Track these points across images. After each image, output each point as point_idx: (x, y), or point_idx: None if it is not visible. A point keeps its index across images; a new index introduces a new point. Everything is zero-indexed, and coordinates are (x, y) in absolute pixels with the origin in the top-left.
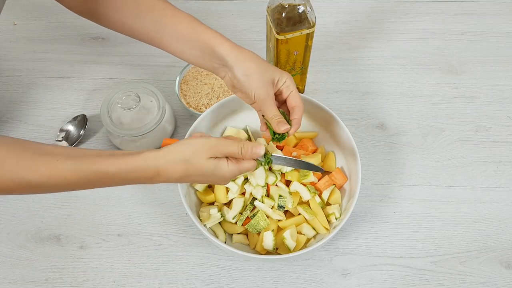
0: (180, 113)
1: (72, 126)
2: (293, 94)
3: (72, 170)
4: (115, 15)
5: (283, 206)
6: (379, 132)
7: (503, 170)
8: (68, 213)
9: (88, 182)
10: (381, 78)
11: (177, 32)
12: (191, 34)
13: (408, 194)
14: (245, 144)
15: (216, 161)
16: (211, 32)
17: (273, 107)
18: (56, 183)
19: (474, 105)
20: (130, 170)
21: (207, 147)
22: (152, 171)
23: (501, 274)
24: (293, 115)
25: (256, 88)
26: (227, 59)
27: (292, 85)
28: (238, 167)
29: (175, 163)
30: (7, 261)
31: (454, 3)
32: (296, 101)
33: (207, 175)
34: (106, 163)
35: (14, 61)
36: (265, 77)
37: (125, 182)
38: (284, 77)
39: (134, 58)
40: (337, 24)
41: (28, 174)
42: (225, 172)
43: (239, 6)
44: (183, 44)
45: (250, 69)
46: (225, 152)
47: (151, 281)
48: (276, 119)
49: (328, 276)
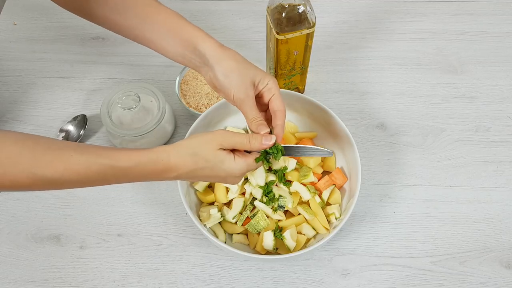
0: (180, 113)
1: (72, 126)
2: (275, 98)
3: (85, 165)
4: (101, 10)
5: (283, 206)
6: (379, 132)
7: (503, 170)
8: (68, 213)
9: (101, 177)
10: (381, 78)
11: (159, 28)
12: (174, 30)
13: (408, 194)
14: (253, 134)
15: (224, 153)
16: (194, 30)
17: (253, 109)
18: (69, 178)
19: (474, 105)
20: (143, 163)
21: (215, 137)
22: (163, 164)
23: (501, 274)
24: (275, 120)
25: (235, 88)
26: (208, 57)
27: (274, 88)
28: (245, 161)
29: (184, 157)
30: (7, 261)
31: (454, 3)
32: (278, 105)
33: (215, 169)
34: (118, 157)
35: (14, 61)
36: (245, 77)
37: (136, 177)
38: (266, 79)
39: (134, 58)
40: (337, 24)
41: (42, 170)
42: (232, 167)
43: (239, 6)
44: (165, 41)
45: (230, 68)
46: (232, 142)
47: (151, 281)
48: (256, 122)
49: (328, 276)
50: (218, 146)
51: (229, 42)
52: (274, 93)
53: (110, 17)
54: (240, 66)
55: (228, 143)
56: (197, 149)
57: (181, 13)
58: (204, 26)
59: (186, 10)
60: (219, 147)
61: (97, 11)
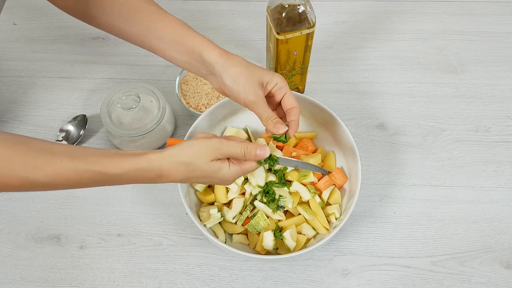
0: (180, 113)
1: (72, 126)
2: (287, 96)
3: (76, 171)
4: (105, 17)
5: (283, 206)
6: (379, 132)
7: (503, 170)
8: (68, 213)
9: (92, 182)
10: (381, 78)
11: (165, 37)
12: (179, 40)
13: (408, 194)
14: (248, 146)
15: (218, 164)
16: (199, 39)
17: (265, 109)
18: (60, 183)
19: (474, 105)
20: (133, 170)
21: (209, 150)
22: (155, 172)
23: (501, 274)
24: (290, 117)
25: (244, 92)
26: (214, 66)
27: (285, 86)
28: (240, 167)
29: (177, 166)
30: (7, 261)
31: (454, 3)
32: (291, 103)
33: (209, 177)
34: (109, 165)
35: (14, 61)
36: (252, 80)
37: (128, 182)
38: (275, 79)
39: (134, 58)
40: (337, 24)
41: (33, 174)
42: (227, 175)
43: (239, 6)
44: (172, 50)
45: (236, 74)
46: (227, 154)
47: (151, 281)
48: (272, 121)
49: (328, 276)
50: (212, 158)
51: (229, 42)
52: (285, 92)
53: (115, 24)
54: (246, 70)
55: (223, 155)
56: (191, 160)
57: (181, 13)
58: (204, 26)
59: (186, 10)
60: (213, 158)
61: (101, 18)
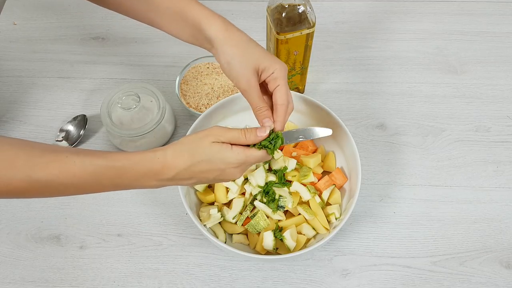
0: (180, 113)
1: (72, 126)
2: (278, 90)
3: (81, 165)
4: None
5: (283, 206)
6: (379, 132)
7: (503, 170)
8: (68, 213)
9: (97, 179)
10: (381, 78)
11: (168, 11)
12: (180, 13)
13: (408, 194)
14: (248, 129)
15: (219, 145)
16: (200, 10)
17: (256, 98)
18: (65, 181)
19: (474, 105)
20: (138, 161)
21: (210, 134)
22: (161, 162)
23: (501, 274)
24: (275, 115)
25: (237, 77)
26: (213, 41)
27: (280, 77)
28: (243, 151)
29: (181, 153)
30: (7, 261)
31: (454, 3)
32: (281, 98)
33: (214, 160)
34: (113, 157)
35: (14, 61)
36: (246, 63)
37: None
38: (273, 66)
39: (134, 58)
40: (337, 24)
41: (37, 172)
42: (230, 155)
43: (239, 6)
44: (174, 25)
45: (232, 55)
46: (228, 136)
47: (151, 281)
48: (261, 112)
49: (328, 276)
50: (214, 140)
51: None
52: (278, 84)
53: (122, 2)
54: (243, 52)
55: (224, 138)
56: (193, 144)
57: None
58: None
59: None
60: (214, 141)
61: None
